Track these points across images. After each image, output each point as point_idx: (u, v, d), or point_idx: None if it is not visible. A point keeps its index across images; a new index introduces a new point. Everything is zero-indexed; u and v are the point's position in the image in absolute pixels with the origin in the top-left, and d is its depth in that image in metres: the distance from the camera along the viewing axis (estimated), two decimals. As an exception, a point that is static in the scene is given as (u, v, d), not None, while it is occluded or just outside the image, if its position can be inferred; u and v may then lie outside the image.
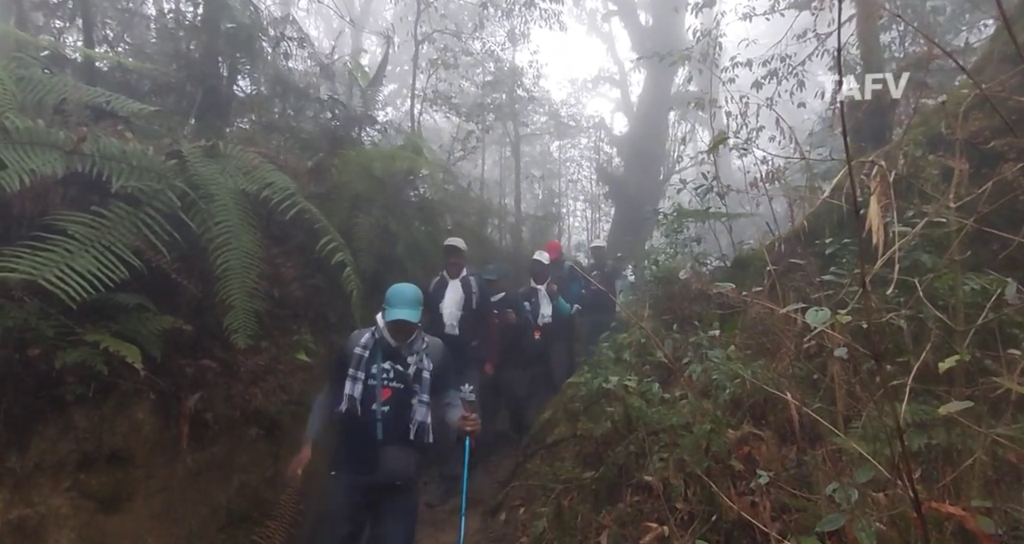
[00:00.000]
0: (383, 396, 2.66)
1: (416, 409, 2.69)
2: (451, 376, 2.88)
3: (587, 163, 14.39)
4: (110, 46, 4.74)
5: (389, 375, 2.70)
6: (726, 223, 4.93)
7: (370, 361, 2.70)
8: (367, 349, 2.70)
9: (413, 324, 2.66)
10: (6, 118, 2.14)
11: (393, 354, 2.74)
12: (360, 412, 2.63)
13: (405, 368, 2.71)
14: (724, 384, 2.51)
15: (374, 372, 2.67)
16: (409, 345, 2.73)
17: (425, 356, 2.75)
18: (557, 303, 5.56)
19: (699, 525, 2.28)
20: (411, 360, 2.72)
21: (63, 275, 2.20)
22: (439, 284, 4.60)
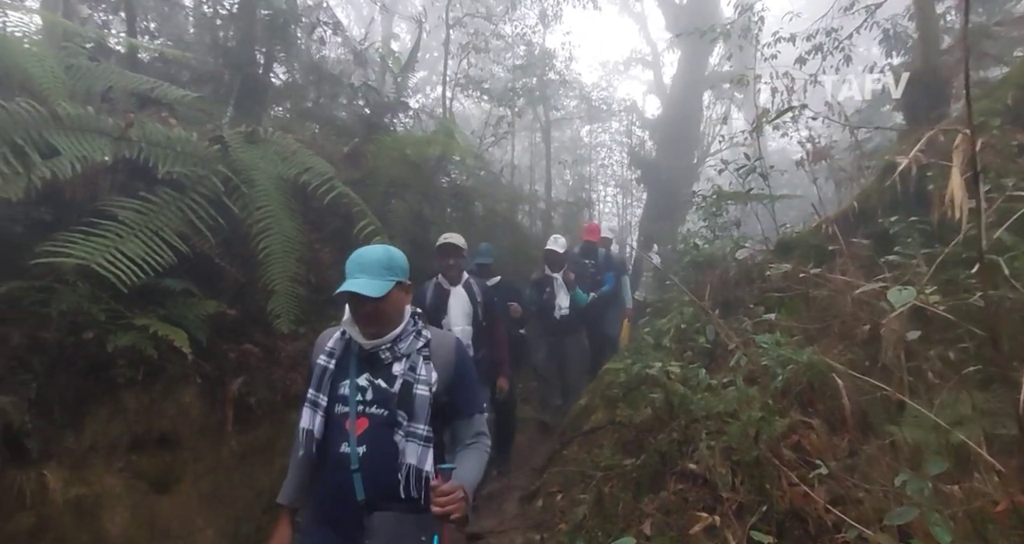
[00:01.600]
0: (357, 430, 1.69)
1: (404, 448, 1.67)
2: (471, 394, 1.83)
3: (618, 147, 14.14)
4: (151, 37, 4.82)
5: (366, 396, 1.71)
6: (768, 205, 4.75)
7: (337, 376, 1.76)
8: (333, 357, 1.76)
9: (374, 301, 1.65)
10: (58, 105, 2.18)
11: (371, 362, 1.75)
12: (326, 457, 1.70)
13: (390, 383, 1.70)
14: (775, 370, 2.42)
15: (343, 393, 1.72)
16: (392, 344, 1.73)
17: (421, 362, 1.74)
18: (574, 294, 5.15)
19: (748, 515, 2.21)
20: (397, 370, 1.71)
21: (114, 260, 2.24)
22: (438, 293, 3.60)
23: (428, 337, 1.78)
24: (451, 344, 1.82)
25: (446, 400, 1.75)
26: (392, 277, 1.69)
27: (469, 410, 1.80)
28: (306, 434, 1.72)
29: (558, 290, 5.05)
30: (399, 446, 1.66)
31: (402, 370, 1.71)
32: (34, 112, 2.11)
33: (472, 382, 1.82)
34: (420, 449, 1.67)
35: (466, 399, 1.80)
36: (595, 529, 2.91)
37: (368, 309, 1.67)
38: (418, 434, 1.68)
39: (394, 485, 1.65)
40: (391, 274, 1.69)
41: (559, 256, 5.05)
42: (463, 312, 3.54)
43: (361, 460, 1.66)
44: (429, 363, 1.74)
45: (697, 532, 2.22)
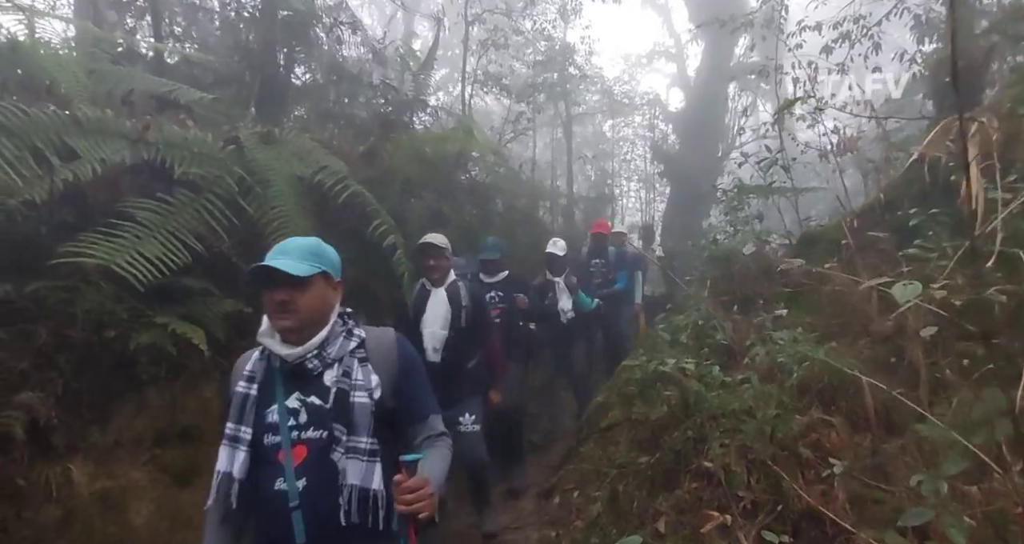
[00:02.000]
0: (293, 460, 1.43)
1: (345, 467, 1.42)
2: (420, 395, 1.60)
3: (641, 142, 13.98)
4: (177, 40, 4.95)
5: (299, 419, 1.45)
6: (792, 199, 4.63)
7: (261, 402, 1.48)
8: (254, 381, 1.50)
9: (292, 287, 1.42)
10: (78, 109, 2.25)
11: (299, 377, 1.49)
12: (260, 501, 1.44)
13: (325, 399, 1.46)
14: (791, 367, 2.36)
15: (271, 420, 1.46)
16: (319, 350, 1.48)
17: (356, 365, 1.49)
18: (577, 297, 4.95)
19: (763, 515, 2.16)
20: (329, 378, 1.47)
21: (133, 260, 2.31)
22: (420, 295, 3.34)
23: (361, 336, 1.53)
24: (391, 342, 1.56)
25: (393, 406, 1.51)
26: (318, 264, 1.46)
27: (422, 412, 1.57)
28: (223, 479, 1.43)
29: (560, 294, 4.89)
30: (339, 466, 1.40)
31: (334, 377, 1.46)
32: (54, 116, 2.19)
33: (421, 382, 1.60)
34: (364, 465, 1.42)
35: (417, 401, 1.57)
36: (609, 527, 2.90)
37: (284, 295, 1.41)
38: (360, 448, 1.42)
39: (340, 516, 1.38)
40: (317, 261, 1.46)
41: (559, 259, 4.90)
42: (439, 316, 3.20)
43: (302, 495, 1.39)
44: (366, 366, 1.49)
45: (709, 531, 2.19)
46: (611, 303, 5.66)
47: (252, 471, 1.45)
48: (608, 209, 12.28)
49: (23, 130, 2.06)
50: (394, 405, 1.52)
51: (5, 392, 2.12)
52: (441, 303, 3.25)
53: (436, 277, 3.28)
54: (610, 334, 5.79)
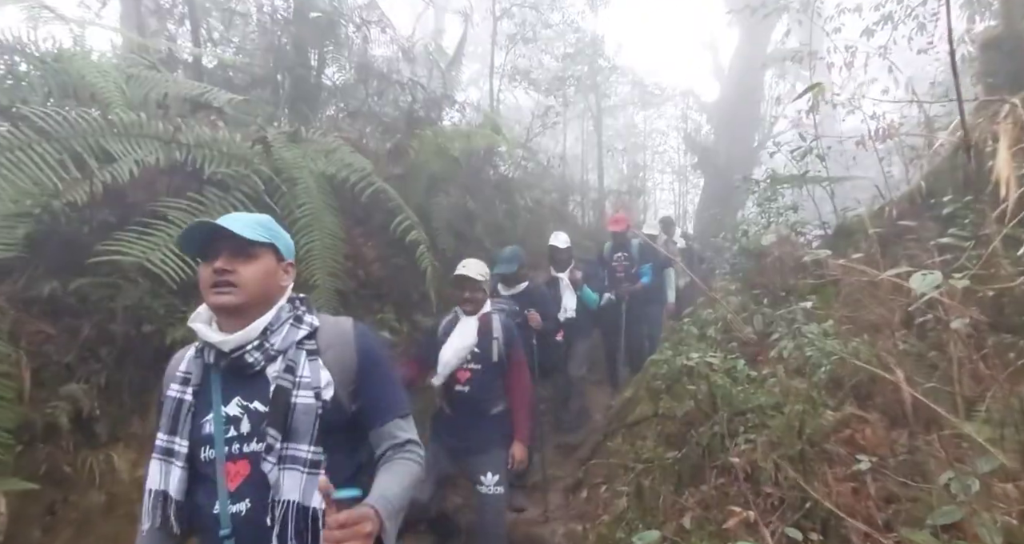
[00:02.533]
0: (232, 480, 1.20)
1: (278, 479, 1.19)
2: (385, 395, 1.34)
3: (674, 133, 13.74)
4: (214, 45, 5.11)
5: (240, 428, 1.23)
6: (828, 188, 4.48)
7: (198, 409, 1.25)
8: (189, 384, 1.26)
9: (235, 251, 1.23)
10: (115, 113, 2.36)
11: (241, 377, 1.25)
12: (197, 526, 1.24)
13: (265, 402, 1.23)
14: (820, 362, 2.29)
15: (207, 431, 1.23)
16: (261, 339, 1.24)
17: (304, 359, 1.26)
18: (582, 293, 4.69)
19: (790, 512, 2.11)
20: (271, 372, 1.25)
21: (165, 257, 2.41)
22: (451, 324, 2.98)
23: (313, 325, 1.29)
24: (348, 332, 1.32)
25: (352, 408, 1.28)
26: (267, 235, 1.27)
27: (384, 416, 1.30)
28: (156, 499, 1.21)
29: (563, 291, 4.60)
30: (270, 478, 1.16)
31: (276, 372, 1.22)
32: (92, 121, 2.30)
33: (384, 380, 1.34)
34: (303, 478, 1.18)
35: (379, 402, 1.31)
36: (635, 521, 2.88)
37: (226, 263, 1.20)
38: (299, 458, 1.18)
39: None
40: (267, 234, 1.28)
41: (562, 253, 4.64)
42: (460, 347, 2.82)
43: (236, 521, 1.16)
44: (316, 360, 1.25)
45: (733, 527, 2.15)
46: (637, 302, 5.42)
47: (191, 490, 1.22)
48: (640, 202, 12.13)
49: (63, 135, 2.17)
50: (352, 408, 1.28)
51: (52, 384, 2.24)
52: (468, 332, 2.87)
53: (470, 309, 2.94)
54: (632, 335, 5.54)
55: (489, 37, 8.45)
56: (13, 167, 1.94)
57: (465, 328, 2.89)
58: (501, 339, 2.91)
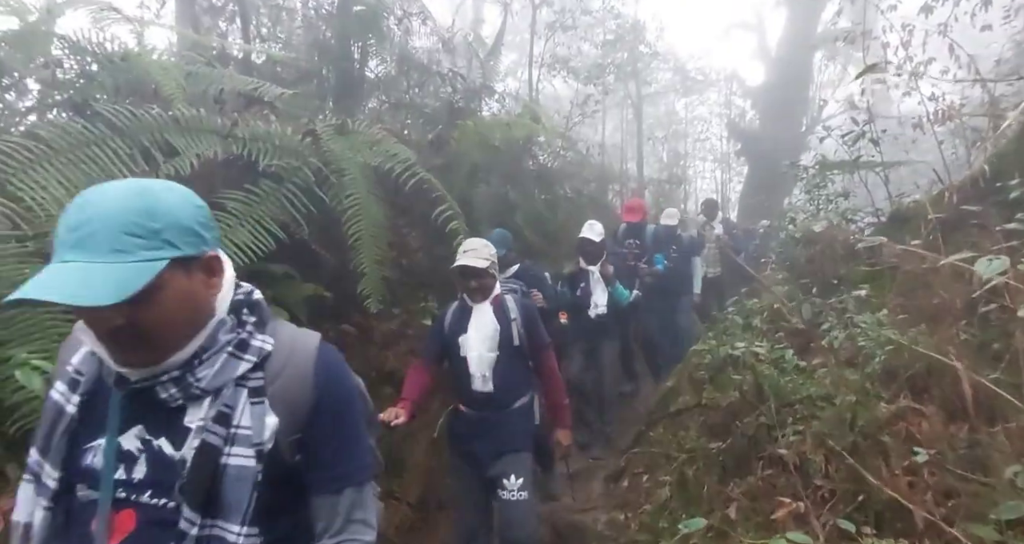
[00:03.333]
0: (113, 534, 0.86)
1: None
2: (342, 450, 0.97)
3: (717, 119, 13.41)
4: (264, 41, 5.28)
5: (133, 472, 0.88)
6: (882, 174, 4.30)
7: (81, 431, 0.91)
8: (77, 390, 0.92)
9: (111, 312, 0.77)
10: (177, 109, 2.48)
11: (146, 403, 0.88)
12: None
13: (178, 445, 0.87)
14: (874, 352, 2.22)
15: (90, 464, 0.89)
16: (183, 373, 0.87)
17: (245, 402, 0.89)
18: (614, 290, 4.31)
19: (842, 505, 2.07)
20: (193, 419, 0.88)
21: (225, 248, 2.52)
22: (458, 313, 2.66)
23: (263, 351, 0.91)
24: (308, 357, 0.94)
25: (293, 460, 0.93)
26: (157, 249, 0.79)
27: (333, 482, 0.95)
28: (22, 533, 0.90)
29: (594, 286, 4.28)
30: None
31: (202, 419, 0.86)
32: (157, 116, 2.42)
33: (347, 429, 0.97)
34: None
35: (331, 462, 0.95)
36: (678, 511, 2.88)
37: (104, 327, 0.80)
38: (227, 541, 0.86)
39: None
40: (152, 243, 0.79)
41: (595, 245, 4.24)
42: (485, 335, 2.54)
43: None
44: (261, 403, 0.89)
45: (781, 518, 2.12)
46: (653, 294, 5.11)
47: (62, 533, 0.90)
48: (681, 191, 11.91)
49: (133, 130, 2.30)
50: (294, 460, 0.93)
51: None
52: (486, 319, 2.56)
53: (479, 297, 2.59)
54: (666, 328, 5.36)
55: (527, 26, 8.42)
56: (90, 161, 2.07)
57: (482, 317, 2.57)
58: (520, 320, 2.62)
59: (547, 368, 2.71)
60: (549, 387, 2.75)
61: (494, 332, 2.55)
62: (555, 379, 2.75)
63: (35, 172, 1.87)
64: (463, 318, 2.61)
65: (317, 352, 0.96)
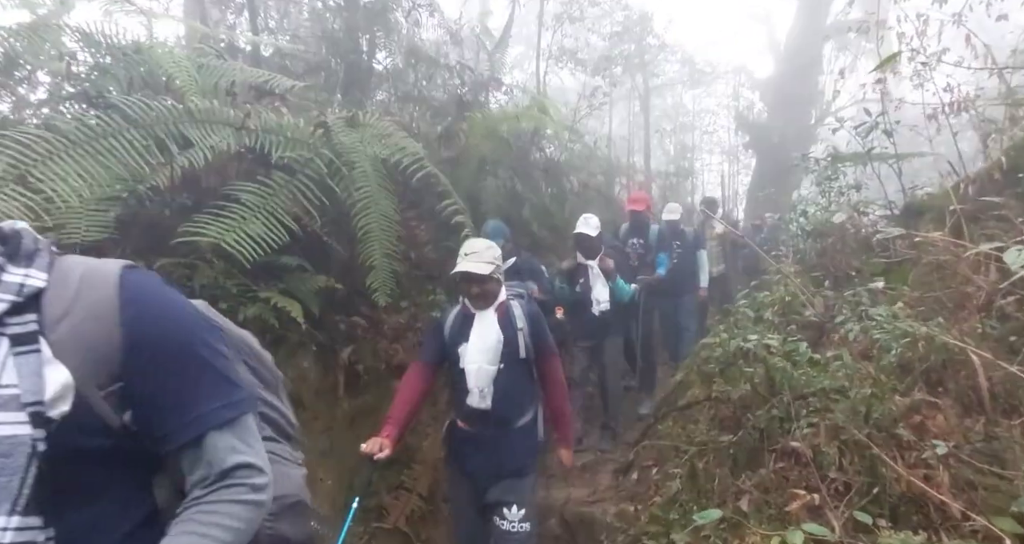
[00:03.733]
0: None
1: None
2: (183, 391, 0.81)
3: (725, 112, 13.32)
4: (271, 33, 5.27)
5: None
6: (895, 166, 4.26)
7: None
8: None
9: None
10: (190, 101, 2.48)
11: None
12: None
13: None
14: (889, 345, 2.21)
15: None
16: None
17: (7, 352, 0.71)
18: (615, 285, 4.13)
19: (856, 497, 2.07)
20: None
21: (239, 239, 2.53)
22: (459, 320, 2.43)
23: (27, 286, 0.74)
24: (107, 291, 0.78)
25: (123, 420, 0.78)
26: None
27: (191, 427, 0.81)
28: None
29: (594, 281, 4.08)
30: None
31: None
32: (172, 109, 2.43)
33: (187, 361, 0.82)
34: None
35: (176, 402, 0.80)
36: (689, 503, 2.88)
37: None
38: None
39: None
40: None
41: (592, 240, 4.05)
42: (486, 345, 2.30)
43: None
44: (33, 352, 0.72)
45: (796, 511, 2.12)
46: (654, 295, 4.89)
47: None
48: (687, 184, 11.85)
49: (148, 122, 2.31)
50: (123, 420, 0.78)
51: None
52: (490, 329, 2.31)
53: (483, 304, 2.35)
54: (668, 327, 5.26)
55: (534, 18, 8.35)
56: (107, 153, 2.08)
57: (485, 326, 2.32)
58: (527, 330, 2.38)
59: (552, 377, 2.48)
60: (552, 397, 2.50)
61: (497, 343, 2.30)
62: (560, 389, 2.50)
63: (54, 163, 1.88)
64: (464, 326, 2.36)
65: (119, 280, 0.77)
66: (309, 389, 3.27)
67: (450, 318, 2.45)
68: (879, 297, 2.59)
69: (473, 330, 2.34)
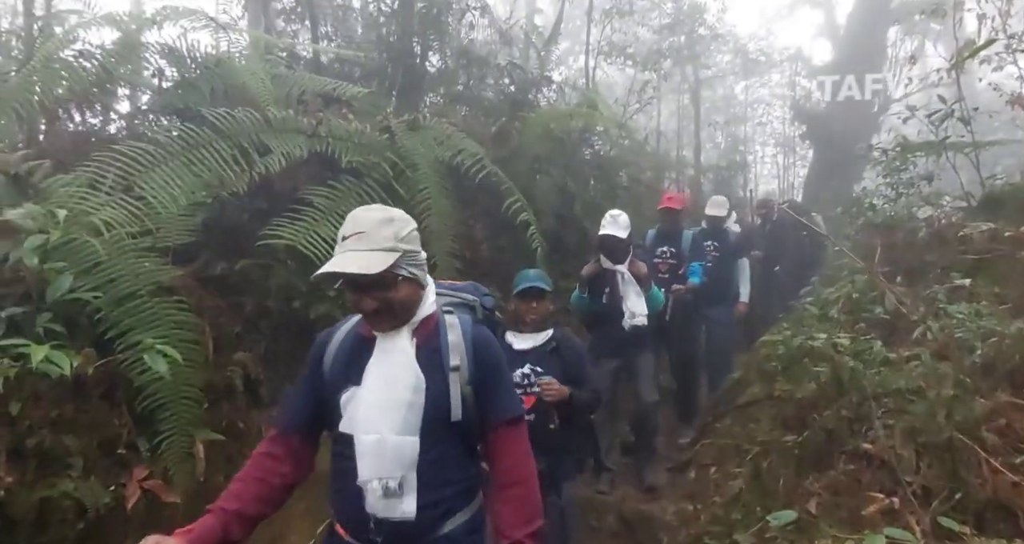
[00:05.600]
0: None
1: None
2: None
3: (779, 102, 12.84)
4: (329, 41, 5.47)
5: None
6: (971, 155, 4.04)
7: None
8: None
9: None
10: (268, 110, 2.64)
11: None
12: None
13: None
14: (973, 344, 2.12)
15: None
16: None
17: None
18: (651, 294, 3.44)
19: (937, 502, 2.00)
20: None
21: (312, 240, 2.66)
22: (350, 346, 1.46)
23: None
24: None
25: None
26: None
27: None
28: None
29: (626, 289, 3.33)
30: None
31: None
32: (252, 118, 2.58)
33: None
34: None
35: None
36: (752, 504, 2.84)
37: None
38: None
39: None
40: None
41: (623, 242, 3.34)
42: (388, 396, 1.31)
43: None
44: None
45: (872, 514, 2.07)
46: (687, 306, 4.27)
47: None
48: (740, 177, 11.53)
49: (233, 132, 2.47)
50: None
51: (226, 351, 2.59)
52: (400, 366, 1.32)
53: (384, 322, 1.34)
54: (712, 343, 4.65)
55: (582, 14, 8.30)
56: (199, 162, 2.24)
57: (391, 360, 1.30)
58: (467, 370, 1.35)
59: (511, 461, 1.39)
60: (508, 495, 1.37)
61: (412, 392, 1.29)
62: (525, 483, 1.38)
63: (155, 173, 2.05)
64: (356, 356, 1.37)
65: None
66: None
67: (335, 340, 1.43)
68: (958, 294, 2.49)
69: (370, 366, 1.32)
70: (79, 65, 2.55)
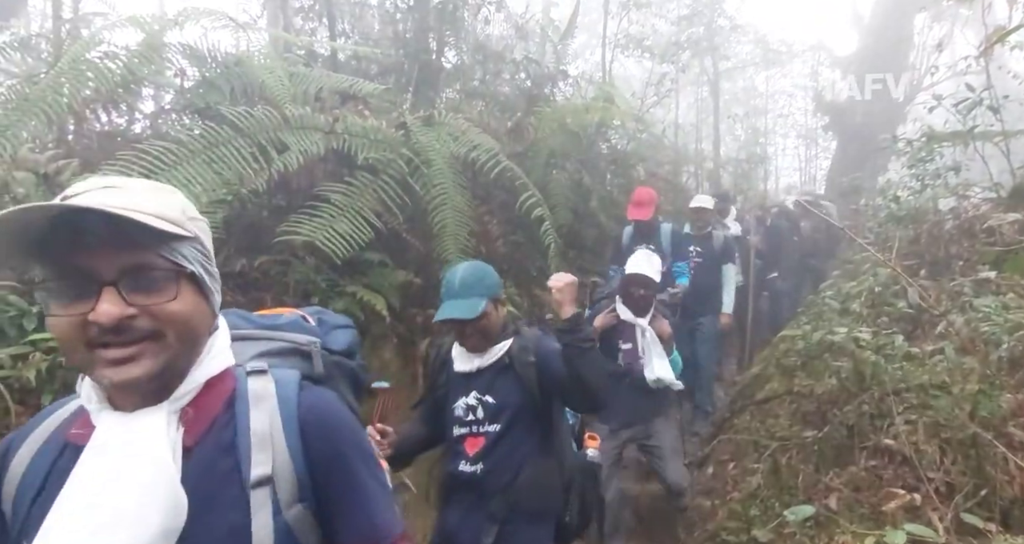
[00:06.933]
0: None
1: None
2: None
3: (801, 93, 12.60)
4: (347, 38, 5.50)
5: None
6: (1001, 145, 3.92)
7: None
8: None
9: None
10: (286, 108, 2.67)
11: None
12: None
13: None
14: (1000, 338, 2.07)
15: None
16: None
17: None
18: (673, 358, 2.91)
19: (961, 498, 1.96)
20: None
21: (329, 237, 2.70)
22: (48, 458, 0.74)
23: None
24: None
25: None
26: None
27: None
28: None
29: (648, 349, 2.81)
30: None
31: None
32: (271, 116, 2.62)
33: None
34: None
35: None
36: (771, 499, 2.82)
37: None
38: None
39: None
40: None
41: (651, 288, 2.85)
42: None
43: None
44: None
45: (894, 510, 2.04)
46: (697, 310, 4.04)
47: None
48: (760, 170, 11.35)
49: (252, 131, 2.51)
50: None
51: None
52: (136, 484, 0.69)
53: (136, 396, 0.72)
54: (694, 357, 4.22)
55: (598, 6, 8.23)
56: (220, 160, 2.29)
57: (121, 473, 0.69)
58: (289, 477, 0.81)
59: None
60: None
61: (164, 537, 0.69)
62: None
63: (178, 172, 2.10)
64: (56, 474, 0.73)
65: None
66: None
67: (26, 450, 0.77)
68: (984, 287, 2.43)
69: (70, 483, 0.69)
70: (105, 66, 2.61)
